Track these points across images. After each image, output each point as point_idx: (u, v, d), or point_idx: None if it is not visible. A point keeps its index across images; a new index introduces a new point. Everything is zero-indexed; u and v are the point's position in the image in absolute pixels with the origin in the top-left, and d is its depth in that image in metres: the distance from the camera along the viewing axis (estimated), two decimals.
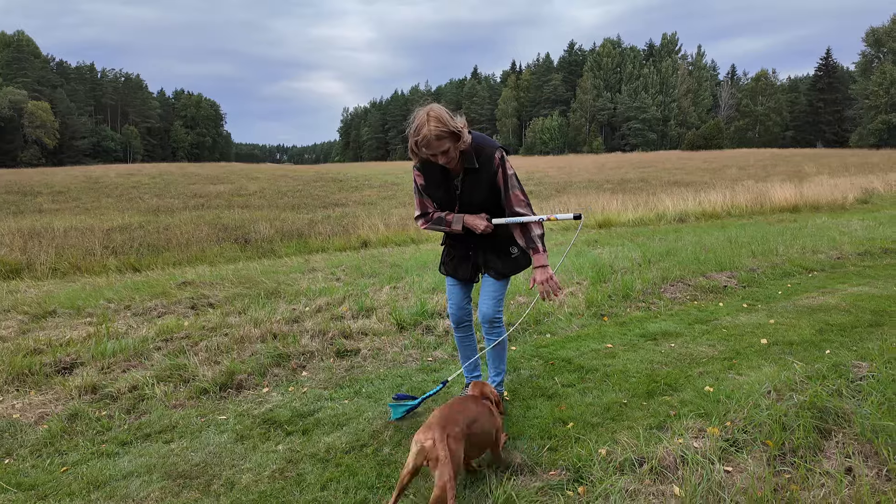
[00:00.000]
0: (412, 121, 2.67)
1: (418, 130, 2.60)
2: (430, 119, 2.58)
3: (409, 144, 2.71)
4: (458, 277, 3.06)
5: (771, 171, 29.30)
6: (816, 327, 4.33)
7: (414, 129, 2.63)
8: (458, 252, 3.02)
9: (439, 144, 2.59)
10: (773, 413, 2.61)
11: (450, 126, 2.58)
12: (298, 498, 2.36)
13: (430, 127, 2.56)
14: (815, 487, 2.09)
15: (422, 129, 2.58)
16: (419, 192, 2.95)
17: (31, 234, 12.97)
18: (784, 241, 8.08)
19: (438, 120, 2.57)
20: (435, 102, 2.70)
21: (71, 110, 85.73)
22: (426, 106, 2.67)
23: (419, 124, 2.61)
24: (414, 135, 2.63)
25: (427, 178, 2.87)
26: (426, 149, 2.62)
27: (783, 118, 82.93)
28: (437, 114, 2.59)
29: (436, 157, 2.67)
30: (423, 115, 2.61)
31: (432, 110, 2.62)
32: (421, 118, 2.61)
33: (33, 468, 2.76)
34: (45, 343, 4.65)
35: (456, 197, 2.85)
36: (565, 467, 2.43)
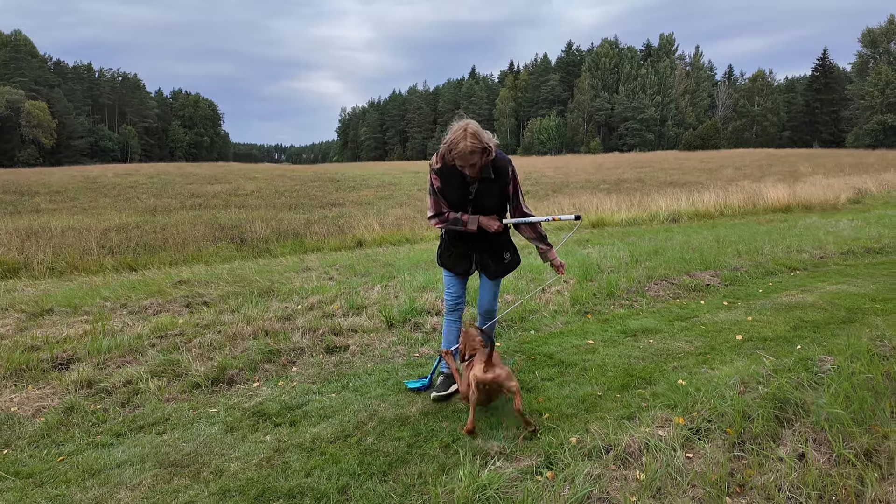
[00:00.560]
0: (448, 132, 3.00)
1: (455, 143, 2.92)
2: (467, 135, 2.90)
3: (442, 151, 3.04)
4: (456, 272, 3.41)
5: (767, 172, 29.48)
6: (791, 324, 4.47)
7: (451, 140, 2.95)
8: (459, 250, 3.36)
9: (471, 158, 2.94)
10: (735, 404, 2.75)
11: (483, 142, 2.93)
12: (283, 484, 2.49)
13: (466, 143, 2.89)
14: (767, 472, 2.22)
15: (459, 142, 2.91)
16: (435, 193, 3.23)
17: (29, 233, 13.06)
18: (771, 241, 8.22)
19: (475, 136, 2.91)
20: (471, 119, 3.04)
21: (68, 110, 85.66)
22: (463, 120, 3.01)
23: (457, 138, 2.93)
24: (450, 145, 2.94)
25: (445, 182, 3.17)
26: (459, 160, 2.97)
27: (780, 118, 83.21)
28: (474, 130, 2.93)
29: (463, 168, 3.02)
30: (462, 131, 2.93)
31: (469, 126, 2.95)
32: (459, 132, 2.94)
33: (31, 458, 2.88)
34: (43, 340, 4.77)
35: (469, 201, 3.20)
36: (537, 454, 2.56)
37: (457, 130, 2.96)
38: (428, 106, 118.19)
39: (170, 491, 2.49)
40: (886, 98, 66.33)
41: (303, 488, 2.45)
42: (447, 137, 2.99)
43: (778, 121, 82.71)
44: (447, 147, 2.99)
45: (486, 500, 2.18)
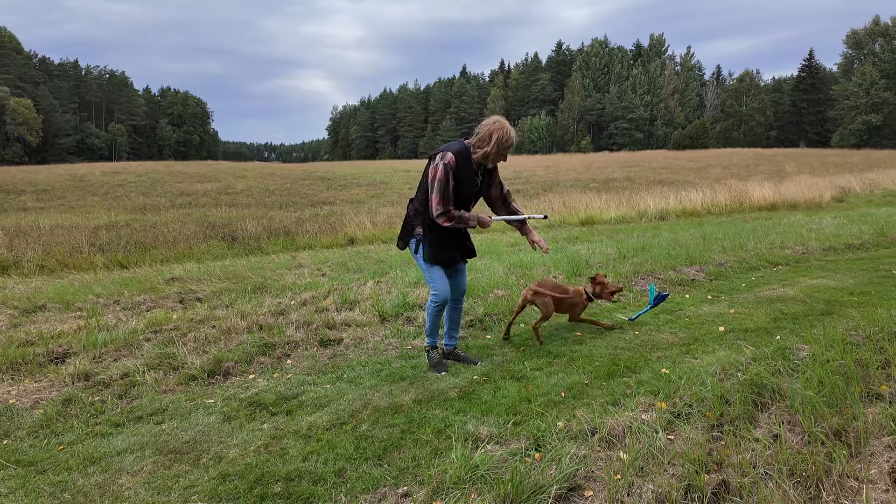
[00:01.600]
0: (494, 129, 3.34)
1: (508, 137, 3.34)
2: (512, 128, 3.38)
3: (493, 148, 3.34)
4: (452, 265, 3.69)
5: (754, 171, 29.88)
6: (772, 316, 4.62)
7: (503, 134, 3.33)
8: (454, 244, 3.65)
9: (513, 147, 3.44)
10: (715, 389, 2.87)
11: None
12: (281, 468, 2.58)
13: (514, 134, 3.40)
14: (744, 451, 2.34)
15: (510, 134, 3.36)
16: (445, 190, 3.39)
17: (17, 231, 12.97)
18: (756, 238, 8.41)
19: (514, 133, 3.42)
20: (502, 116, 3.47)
21: (54, 107, 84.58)
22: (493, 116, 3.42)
23: (510, 130, 3.36)
24: (505, 138, 3.34)
25: (461, 178, 3.43)
26: (507, 150, 3.40)
27: (767, 118, 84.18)
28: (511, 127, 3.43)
29: (504, 158, 3.45)
30: (506, 123, 3.36)
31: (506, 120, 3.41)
32: (506, 126, 3.35)
33: (31, 447, 2.94)
34: (37, 335, 4.81)
35: (476, 193, 3.58)
36: (526, 437, 2.66)
37: (499, 125, 3.34)
38: (419, 105, 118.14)
39: (170, 476, 2.57)
40: (871, 98, 67.39)
41: (300, 472, 2.54)
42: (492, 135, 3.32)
43: (765, 120, 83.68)
44: (500, 141, 3.32)
45: (477, 480, 2.28)
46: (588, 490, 2.21)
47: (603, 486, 2.21)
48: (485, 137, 3.35)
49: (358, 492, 2.36)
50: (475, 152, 3.42)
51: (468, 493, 2.19)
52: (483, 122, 3.45)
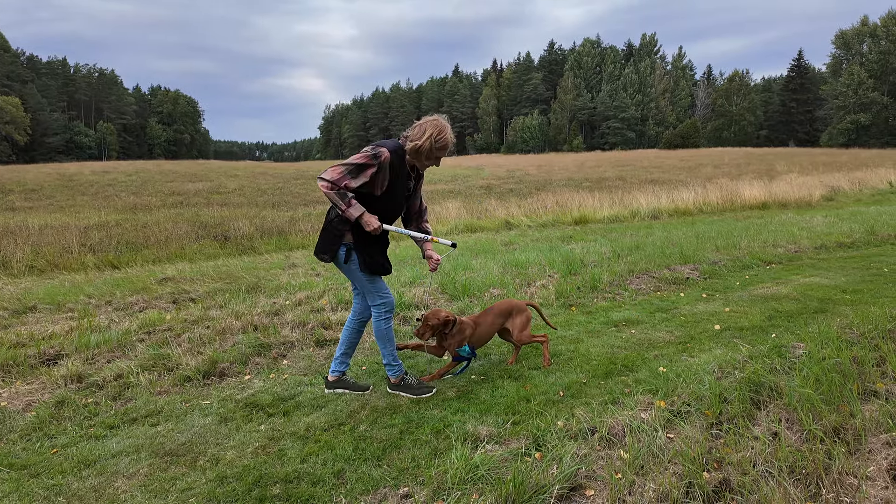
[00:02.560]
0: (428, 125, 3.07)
1: (444, 136, 3.05)
2: (449, 128, 3.08)
3: (425, 143, 3.05)
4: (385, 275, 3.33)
5: (744, 170, 30.10)
6: (766, 314, 4.65)
7: (439, 131, 3.05)
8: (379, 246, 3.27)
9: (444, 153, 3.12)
10: (713, 388, 2.88)
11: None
12: (279, 470, 2.55)
13: (452, 134, 3.10)
14: (743, 449, 2.35)
15: (446, 134, 3.06)
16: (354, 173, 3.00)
17: (5, 231, 12.81)
18: (748, 236, 8.46)
19: (451, 132, 3.10)
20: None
21: (42, 106, 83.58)
22: (433, 115, 3.13)
23: (445, 129, 3.06)
24: (437, 137, 3.04)
25: (394, 179, 3.11)
26: (441, 151, 3.10)
27: (757, 118, 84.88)
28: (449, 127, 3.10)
29: (438, 160, 3.14)
30: (445, 123, 3.08)
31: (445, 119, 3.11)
32: (444, 124, 3.07)
33: (24, 451, 2.89)
34: (28, 337, 4.74)
35: (407, 197, 3.28)
36: (526, 437, 2.66)
37: (436, 123, 3.05)
38: (411, 104, 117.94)
39: (167, 479, 2.53)
40: (859, 98, 68.11)
41: (299, 473, 2.51)
42: (426, 131, 3.04)
43: (755, 120, 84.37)
44: (433, 139, 3.02)
45: (477, 480, 2.27)
46: (589, 489, 2.21)
47: (604, 486, 2.21)
48: (419, 131, 3.05)
49: (358, 493, 2.34)
50: (407, 146, 3.09)
51: (469, 494, 2.18)
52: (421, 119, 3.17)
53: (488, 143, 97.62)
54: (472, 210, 15.91)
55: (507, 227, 13.33)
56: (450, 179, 30.62)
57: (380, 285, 3.30)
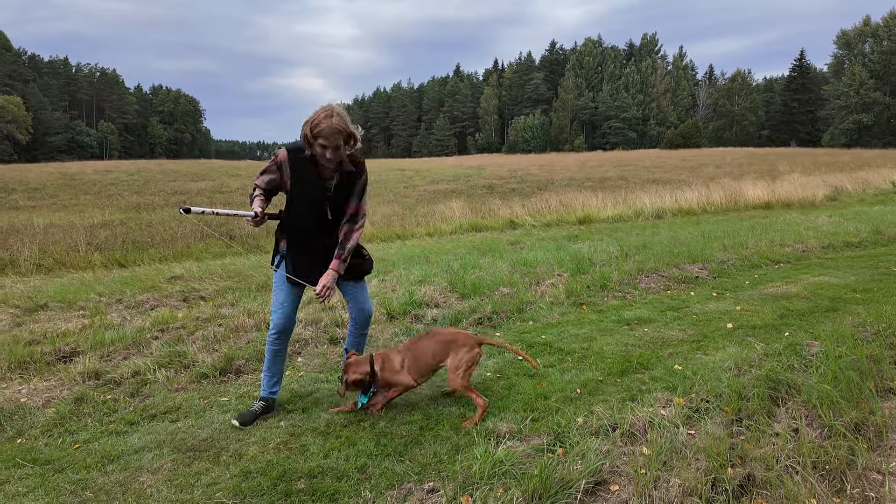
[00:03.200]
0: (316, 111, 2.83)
1: (319, 121, 2.75)
2: (333, 114, 2.78)
3: (304, 132, 2.83)
4: (307, 281, 3.06)
5: (746, 170, 30.09)
6: (778, 313, 4.66)
7: (314, 118, 2.78)
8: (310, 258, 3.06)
9: (336, 139, 2.78)
10: (731, 385, 2.90)
11: (348, 127, 2.81)
12: (303, 465, 2.57)
13: (332, 120, 2.75)
14: (765, 445, 2.37)
15: (323, 120, 2.75)
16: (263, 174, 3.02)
17: (11, 230, 12.85)
18: (755, 236, 8.47)
19: (341, 117, 2.79)
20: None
21: (44, 105, 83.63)
22: (329, 104, 2.87)
23: (322, 115, 2.77)
24: (313, 122, 2.77)
25: (296, 175, 2.96)
26: (322, 139, 2.77)
27: (759, 118, 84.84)
28: (340, 111, 2.82)
29: (325, 149, 2.80)
30: (328, 109, 2.80)
31: (336, 108, 2.82)
32: (324, 110, 2.79)
33: (46, 446, 2.91)
34: (42, 334, 4.76)
35: (327, 198, 2.99)
36: (547, 433, 2.68)
37: (320, 110, 2.81)
38: (412, 104, 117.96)
39: (192, 474, 2.55)
40: (861, 98, 68.08)
41: (323, 469, 2.53)
42: (311, 115, 2.81)
43: (756, 120, 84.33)
44: (309, 125, 2.78)
45: (502, 475, 2.29)
46: (614, 484, 2.22)
47: (628, 481, 2.22)
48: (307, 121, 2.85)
49: (382, 488, 2.36)
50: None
51: (495, 489, 2.19)
52: None
53: (489, 142, 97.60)
54: (476, 209, 15.93)
55: (511, 226, 13.35)
56: (451, 179, 30.63)
57: (282, 296, 3.11)
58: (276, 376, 3.20)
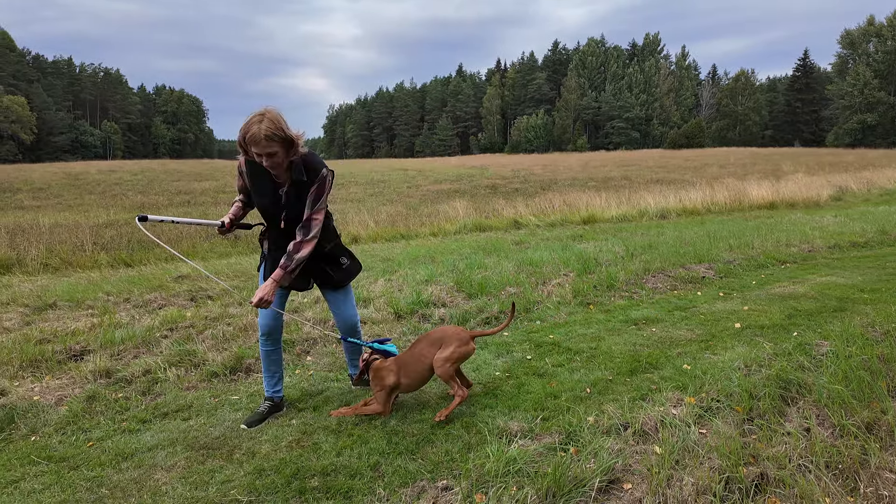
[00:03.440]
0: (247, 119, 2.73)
1: (249, 127, 2.67)
2: (264, 119, 2.66)
3: (238, 139, 2.76)
4: (291, 285, 3.06)
5: (750, 170, 30.04)
6: (786, 313, 4.66)
7: (245, 124, 2.69)
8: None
9: (268, 145, 2.67)
10: (742, 384, 2.90)
11: (283, 131, 2.68)
12: (316, 463, 2.59)
13: (261, 126, 2.64)
14: (776, 444, 2.37)
15: (252, 126, 2.66)
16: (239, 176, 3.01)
17: (17, 230, 12.90)
18: (760, 236, 8.46)
19: (272, 122, 2.66)
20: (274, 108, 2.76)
21: (48, 105, 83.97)
22: (264, 108, 2.74)
23: (251, 122, 2.67)
24: (244, 130, 2.69)
25: (253, 181, 2.93)
26: (254, 146, 2.68)
27: (762, 117, 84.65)
28: (273, 116, 2.69)
29: (261, 158, 2.72)
30: (258, 115, 2.68)
31: (269, 112, 2.70)
32: (255, 117, 2.68)
33: (60, 443, 2.94)
34: (52, 333, 4.79)
35: (282, 206, 2.90)
36: (558, 432, 2.69)
37: (254, 114, 2.70)
38: (415, 104, 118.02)
39: (206, 471, 2.57)
40: (865, 98, 67.85)
41: (336, 466, 2.55)
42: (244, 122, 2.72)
43: (760, 120, 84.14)
44: (242, 132, 2.71)
45: (515, 473, 2.30)
46: (627, 483, 2.24)
47: (641, 479, 2.23)
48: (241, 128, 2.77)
49: (396, 486, 2.37)
50: None
51: (509, 487, 2.21)
52: None
53: (492, 142, 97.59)
54: (480, 209, 15.94)
55: (515, 226, 13.35)
56: (454, 179, 30.65)
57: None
58: (275, 376, 3.20)
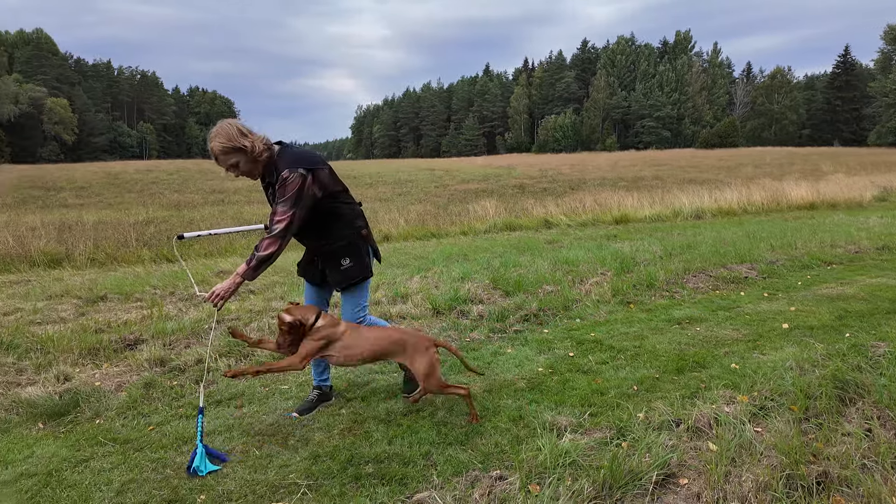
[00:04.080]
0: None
1: (208, 146, 2.76)
2: (217, 135, 2.72)
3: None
4: (307, 279, 3.21)
5: (787, 170, 29.20)
6: (836, 314, 4.54)
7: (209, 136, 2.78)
8: (307, 256, 3.17)
9: (226, 158, 2.75)
10: (797, 383, 2.85)
11: (235, 142, 2.71)
12: (369, 451, 2.65)
13: (215, 143, 2.72)
14: (836, 444, 2.33)
15: (209, 143, 2.75)
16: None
17: (64, 227, 13.44)
18: (802, 237, 8.24)
19: (221, 136, 2.72)
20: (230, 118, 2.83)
21: (88, 107, 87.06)
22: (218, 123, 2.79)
23: (209, 139, 2.76)
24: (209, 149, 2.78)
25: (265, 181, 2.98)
26: (217, 163, 2.78)
27: (799, 116, 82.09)
28: (223, 130, 2.73)
29: (229, 170, 2.81)
30: (213, 132, 2.75)
31: (220, 127, 2.75)
32: (211, 134, 2.76)
33: (123, 427, 3.07)
34: (105, 323, 5.00)
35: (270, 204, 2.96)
36: (608, 427, 2.69)
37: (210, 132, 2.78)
38: (442, 104, 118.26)
39: (263, 456, 2.66)
40: None
41: (388, 454, 2.60)
42: None
43: (797, 119, 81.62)
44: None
45: (569, 465, 2.31)
46: (683, 478, 2.23)
47: (698, 475, 2.22)
48: None
49: (448, 475, 2.41)
50: None
51: (564, 478, 2.22)
52: None
53: (519, 142, 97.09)
54: (510, 209, 15.90)
55: (546, 225, 13.28)
56: (482, 179, 30.62)
57: (305, 290, 3.27)
58: (320, 365, 3.27)
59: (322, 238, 3.01)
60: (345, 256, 3.02)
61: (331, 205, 2.96)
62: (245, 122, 2.83)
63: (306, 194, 2.81)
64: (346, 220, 3.02)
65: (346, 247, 3.02)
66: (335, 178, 3.01)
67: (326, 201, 2.93)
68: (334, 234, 3.00)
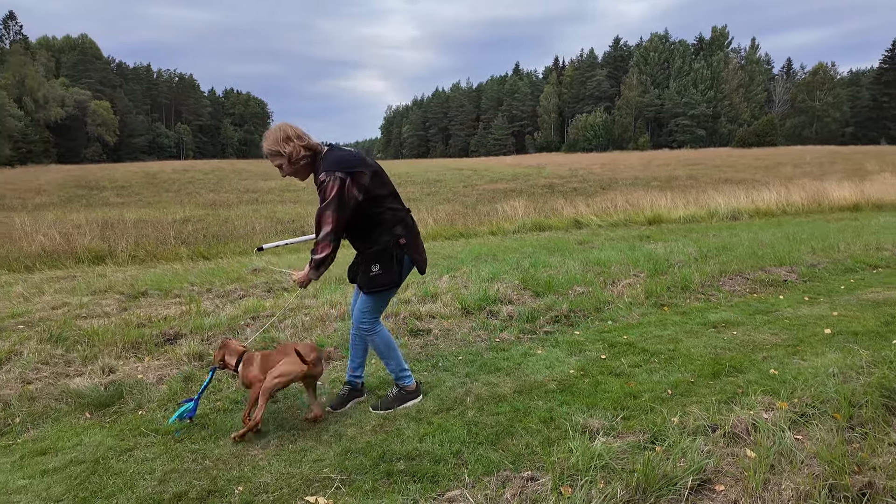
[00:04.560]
0: None
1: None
2: (265, 138, 2.99)
3: None
4: (349, 279, 3.36)
5: (828, 170, 28.15)
6: (882, 320, 4.37)
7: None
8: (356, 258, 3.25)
9: (272, 160, 2.99)
10: (840, 391, 2.76)
11: (276, 147, 2.91)
12: (400, 448, 2.68)
13: (263, 144, 3.00)
14: (883, 454, 2.24)
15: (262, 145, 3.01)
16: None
17: (105, 224, 13.97)
18: (845, 239, 7.94)
19: (270, 139, 2.95)
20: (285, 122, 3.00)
21: (129, 109, 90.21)
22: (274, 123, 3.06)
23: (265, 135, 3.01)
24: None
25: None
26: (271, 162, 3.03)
27: (843, 114, 78.92)
28: (271, 133, 2.97)
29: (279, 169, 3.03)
30: (265, 133, 3.01)
31: (271, 130, 2.99)
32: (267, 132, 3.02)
33: (164, 418, 3.18)
34: (146, 318, 5.18)
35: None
36: (642, 431, 2.65)
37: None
38: (471, 103, 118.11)
39: (297, 450, 2.72)
40: None
41: (419, 452, 2.63)
42: None
43: (840, 116, 78.49)
44: None
45: (601, 468, 2.30)
46: (719, 484, 2.18)
47: (735, 481, 2.18)
48: None
49: (479, 474, 2.42)
50: None
51: (596, 481, 2.21)
52: None
53: (548, 141, 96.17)
54: (539, 209, 15.78)
55: (576, 225, 13.14)
56: (511, 178, 30.47)
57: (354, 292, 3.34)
58: (354, 361, 3.34)
59: (361, 240, 3.08)
60: (376, 262, 3.02)
61: (372, 209, 2.97)
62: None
63: (347, 197, 2.85)
64: (386, 226, 3.01)
65: (380, 252, 3.01)
66: (381, 182, 3.02)
67: (368, 204, 2.94)
68: (372, 238, 3.02)
